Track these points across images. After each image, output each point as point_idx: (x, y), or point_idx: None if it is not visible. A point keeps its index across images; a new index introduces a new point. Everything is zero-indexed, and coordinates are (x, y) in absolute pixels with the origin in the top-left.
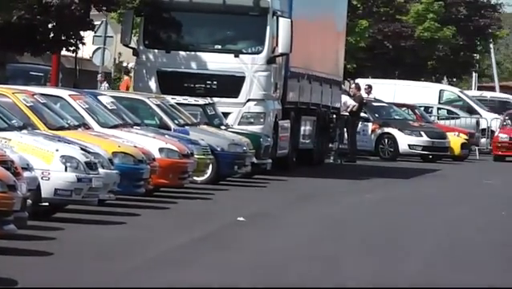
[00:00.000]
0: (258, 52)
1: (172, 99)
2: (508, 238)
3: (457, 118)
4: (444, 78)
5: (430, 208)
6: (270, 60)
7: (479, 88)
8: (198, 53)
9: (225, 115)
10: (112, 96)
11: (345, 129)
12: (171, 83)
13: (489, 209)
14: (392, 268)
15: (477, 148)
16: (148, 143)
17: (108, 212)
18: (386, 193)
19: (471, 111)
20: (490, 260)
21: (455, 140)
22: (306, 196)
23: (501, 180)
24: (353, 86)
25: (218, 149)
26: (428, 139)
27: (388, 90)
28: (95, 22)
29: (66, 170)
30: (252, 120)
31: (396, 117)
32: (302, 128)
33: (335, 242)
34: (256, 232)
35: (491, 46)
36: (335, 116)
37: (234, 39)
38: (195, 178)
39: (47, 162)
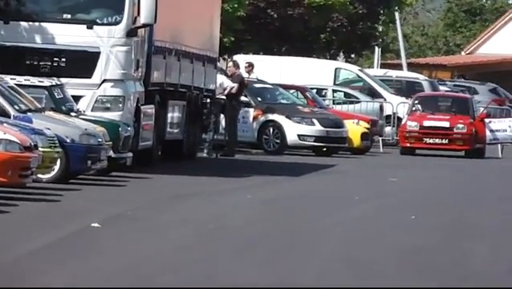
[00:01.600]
0: (116, 23)
1: (11, 80)
2: (412, 244)
3: (357, 102)
4: (341, 54)
5: (323, 210)
6: (130, 32)
7: (383, 66)
8: (43, 24)
9: (76, 99)
10: None
11: (222, 116)
12: (10, 60)
13: (393, 211)
14: (275, 279)
15: (380, 138)
16: None
17: None
18: (271, 192)
19: (373, 93)
20: (392, 266)
21: (354, 130)
22: (175, 196)
23: (410, 177)
24: (231, 64)
25: (68, 141)
26: (322, 128)
27: (273, 68)
28: None
29: None
30: (109, 106)
31: (283, 101)
32: (170, 115)
33: (207, 249)
34: (113, 239)
35: (397, 15)
36: (209, 100)
37: (87, 7)
38: (39, 176)
39: None
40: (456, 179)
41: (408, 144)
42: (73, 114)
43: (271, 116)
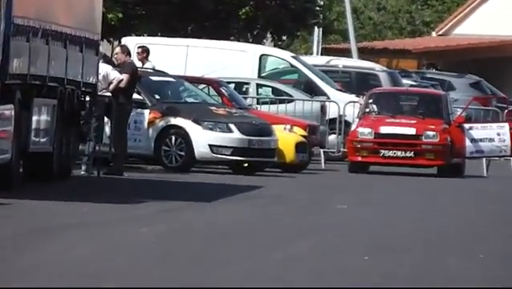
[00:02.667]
0: None
1: None
2: None
3: (290, 101)
4: (268, 36)
5: (242, 250)
6: None
7: (325, 52)
8: None
9: None
10: None
11: (106, 120)
12: None
13: (340, 252)
14: None
15: (322, 150)
16: None
17: None
18: (172, 224)
19: (312, 89)
20: None
21: (286, 138)
22: (40, 230)
23: (362, 204)
24: (118, 49)
25: None
26: (243, 136)
27: (176, 55)
28: None
29: None
30: None
31: (190, 100)
32: (35, 119)
33: None
34: None
35: None
36: (88, 97)
37: None
38: None
39: None
40: (423, 207)
41: (360, 159)
42: None
43: (173, 120)
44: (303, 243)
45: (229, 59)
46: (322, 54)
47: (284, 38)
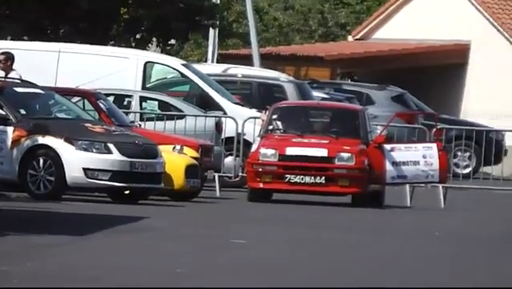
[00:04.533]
0: None
1: None
2: None
3: (180, 117)
4: (154, 40)
5: None
6: None
7: (222, 59)
8: None
9: None
10: None
11: None
12: None
13: None
14: None
15: (217, 175)
16: None
17: None
18: (40, 262)
19: (206, 103)
20: None
21: (175, 161)
22: None
23: (264, 239)
24: None
25: None
26: (123, 158)
27: (45, 62)
28: None
29: None
30: None
31: (61, 115)
32: None
33: None
34: None
35: None
36: None
37: None
38: None
39: None
40: (334, 244)
41: (262, 185)
42: None
43: (42, 140)
44: (195, 284)
45: (107, 67)
46: (218, 62)
47: (173, 42)
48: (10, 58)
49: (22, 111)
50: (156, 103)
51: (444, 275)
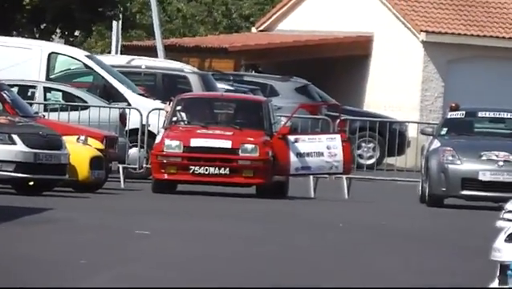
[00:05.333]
0: None
1: None
2: None
3: (84, 108)
4: (58, 30)
5: None
6: None
7: (126, 51)
8: None
9: None
10: None
11: None
12: None
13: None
14: None
15: (121, 166)
16: None
17: None
18: None
19: (110, 94)
20: None
21: (79, 152)
22: None
23: (168, 229)
24: None
25: None
26: (27, 149)
27: None
28: None
29: None
30: None
31: None
32: None
33: None
34: None
35: None
36: None
37: None
38: None
39: None
40: (237, 235)
41: (166, 176)
42: None
43: None
44: (105, 277)
45: (11, 58)
46: (122, 53)
47: (77, 33)
48: None
49: None
50: (60, 94)
51: (345, 266)
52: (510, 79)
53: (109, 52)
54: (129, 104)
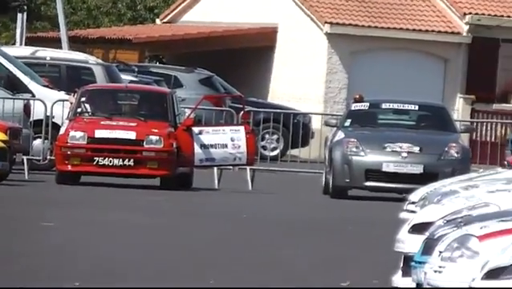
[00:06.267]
0: None
1: None
2: None
3: None
4: None
5: None
6: None
7: (30, 42)
8: None
9: None
10: None
11: None
12: None
13: (53, 277)
14: None
15: (25, 158)
16: None
17: None
18: None
19: (14, 85)
20: None
21: None
22: None
23: (72, 220)
24: None
25: None
26: None
27: None
28: None
29: None
30: None
31: None
32: None
33: None
34: None
35: None
36: None
37: None
38: None
39: None
40: (141, 226)
41: (70, 168)
42: None
43: None
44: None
45: None
46: (26, 45)
47: None
48: None
49: None
50: None
51: (247, 256)
52: (413, 71)
53: (14, 43)
54: (33, 96)
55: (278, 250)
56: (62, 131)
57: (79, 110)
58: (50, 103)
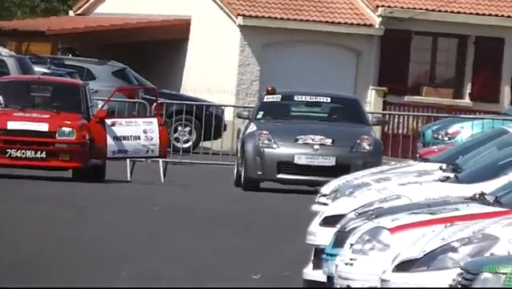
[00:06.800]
0: None
1: None
2: None
3: None
4: None
5: None
6: None
7: None
8: None
9: None
10: None
11: None
12: None
13: None
14: None
15: None
16: None
17: None
18: None
19: None
20: None
21: None
22: None
23: None
24: None
25: None
26: None
27: None
28: None
29: None
30: None
31: None
32: None
33: None
34: None
35: None
36: None
37: None
38: None
39: None
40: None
41: None
42: None
43: None
44: None
45: None
46: None
47: None
48: None
49: None
50: None
51: (161, 249)
52: (326, 63)
53: None
54: None
55: (189, 243)
56: None
57: None
58: None
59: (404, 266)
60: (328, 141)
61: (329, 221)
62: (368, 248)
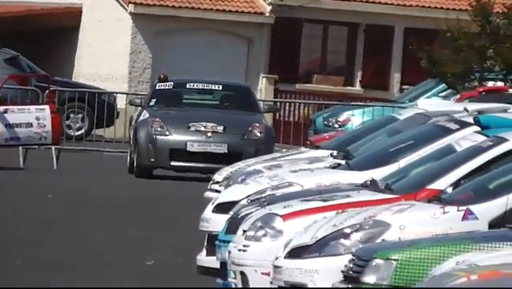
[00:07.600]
0: None
1: None
2: None
3: None
4: None
5: None
6: None
7: None
8: None
9: None
10: None
11: None
12: None
13: None
14: None
15: None
16: None
17: None
18: None
19: None
20: None
21: None
22: None
23: None
24: None
25: None
26: None
27: None
28: None
29: None
30: None
31: None
32: None
33: None
34: None
35: None
36: None
37: None
38: None
39: None
40: None
41: None
42: None
43: None
44: None
45: None
46: None
47: None
48: None
49: None
50: None
51: (56, 237)
52: (218, 51)
53: None
54: None
55: (84, 230)
56: None
57: None
58: None
59: (296, 252)
60: (220, 128)
61: (222, 207)
62: (261, 234)
